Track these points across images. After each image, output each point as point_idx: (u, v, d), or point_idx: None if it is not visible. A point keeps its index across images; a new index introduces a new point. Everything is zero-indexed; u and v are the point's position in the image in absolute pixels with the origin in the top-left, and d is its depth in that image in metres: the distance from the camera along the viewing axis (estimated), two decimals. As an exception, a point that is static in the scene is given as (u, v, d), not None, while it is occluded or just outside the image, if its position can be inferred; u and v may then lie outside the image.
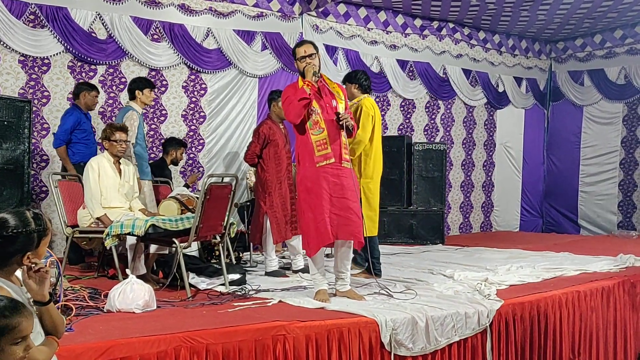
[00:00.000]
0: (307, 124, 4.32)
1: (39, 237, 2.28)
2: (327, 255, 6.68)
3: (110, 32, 6.94)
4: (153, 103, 6.26)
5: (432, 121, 10.01)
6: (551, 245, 8.11)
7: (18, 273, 2.32)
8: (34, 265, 2.23)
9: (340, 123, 4.31)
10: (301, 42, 4.59)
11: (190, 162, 7.68)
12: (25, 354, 1.99)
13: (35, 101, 6.55)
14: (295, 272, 5.72)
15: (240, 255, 6.58)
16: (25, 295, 2.25)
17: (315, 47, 4.52)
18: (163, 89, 7.38)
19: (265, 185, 5.72)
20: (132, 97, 6.00)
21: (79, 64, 6.83)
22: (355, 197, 4.38)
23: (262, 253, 5.94)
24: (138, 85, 6.01)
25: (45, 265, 2.30)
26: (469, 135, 10.53)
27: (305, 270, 5.65)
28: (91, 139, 6.31)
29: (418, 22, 9.58)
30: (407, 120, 9.73)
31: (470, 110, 10.49)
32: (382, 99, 9.40)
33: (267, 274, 5.67)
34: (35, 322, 2.22)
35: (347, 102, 4.58)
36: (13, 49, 6.41)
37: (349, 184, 4.34)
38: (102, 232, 4.87)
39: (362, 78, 5.68)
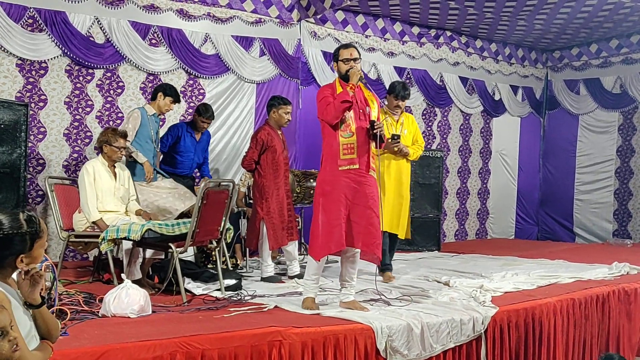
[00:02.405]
0: (338, 125, 4.28)
1: (32, 240, 2.27)
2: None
3: (108, 37, 6.95)
4: (166, 112, 6.34)
5: (429, 128, 10.04)
6: (546, 252, 8.12)
7: (14, 276, 2.32)
8: (27, 269, 2.23)
9: (375, 131, 4.29)
10: (348, 45, 4.56)
11: (187, 167, 7.66)
12: (14, 348, 1.97)
13: (32, 105, 6.55)
14: (291, 277, 5.72)
15: (238, 262, 6.57)
16: (21, 298, 2.25)
17: (359, 54, 4.50)
18: (160, 93, 7.38)
19: (263, 191, 5.74)
20: (154, 97, 6.13)
21: (77, 67, 6.83)
22: (378, 209, 4.33)
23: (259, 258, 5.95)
24: (164, 89, 6.14)
25: (41, 270, 2.30)
26: (465, 143, 10.55)
27: (301, 276, 5.66)
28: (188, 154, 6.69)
29: (416, 30, 9.61)
30: (403, 127, 9.74)
31: (467, 117, 10.52)
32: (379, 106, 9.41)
33: (263, 279, 5.67)
34: (30, 326, 2.22)
35: (379, 112, 4.56)
36: (11, 53, 6.40)
37: (373, 193, 4.31)
38: (97, 236, 4.87)
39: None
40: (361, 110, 4.35)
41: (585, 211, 10.78)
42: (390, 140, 5.35)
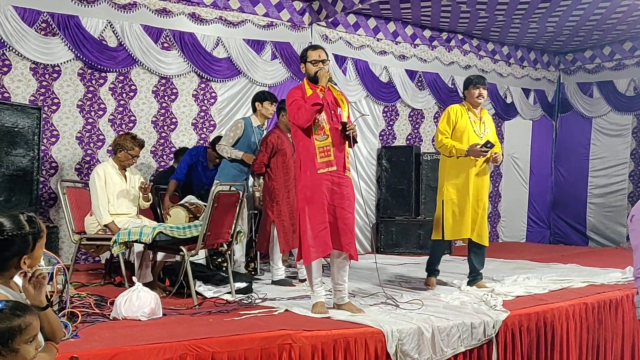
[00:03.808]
0: (312, 128, 4.29)
1: (34, 240, 2.31)
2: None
3: (120, 40, 6.99)
4: (271, 116, 6.22)
5: (440, 131, 9.99)
6: (558, 256, 8.07)
7: (17, 280, 2.35)
8: (29, 271, 2.27)
9: (347, 133, 4.30)
10: (315, 46, 4.57)
11: (199, 170, 7.69)
12: (36, 354, 2.03)
13: (45, 108, 6.60)
14: (302, 281, 5.72)
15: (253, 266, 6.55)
16: (24, 301, 2.28)
17: (327, 55, 4.51)
18: (173, 97, 7.42)
19: (273, 194, 5.75)
20: (254, 109, 6.08)
21: (89, 71, 6.88)
22: (352, 208, 4.36)
23: (270, 262, 5.96)
24: (258, 97, 6.06)
25: (42, 271, 2.33)
26: (477, 146, 10.50)
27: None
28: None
29: (427, 33, 9.60)
30: (415, 131, 9.73)
31: (479, 120, 10.47)
32: (390, 109, 9.41)
33: (274, 282, 5.68)
34: None
35: (350, 110, 4.57)
36: (25, 57, 6.46)
37: (349, 193, 4.33)
38: (109, 239, 4.90)
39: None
40: (332, 112, 4.36)
41: (599, 215, 10.70)
42: (480, 148, 5.26)
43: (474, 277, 5.51)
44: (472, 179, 5.39)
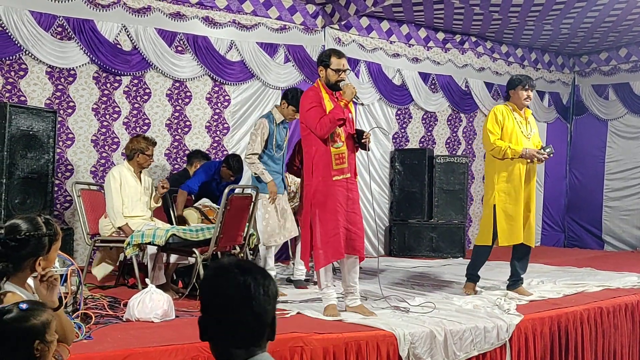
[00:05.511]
0: (329, 136, 4.30)
1: (49, 242, 2.35)
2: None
3: (135, 44, 7.04)
4: (292, 118, 5.72)
5: (454, 134, 9.97)
6: (573, 260, 8.01)
7: (29, 281, 2.38)
8: (42, 272, 2.30)
9: (363, 141, 4.34)
10: (340, 53, 4.44)
11: (212, 172, 7.71)
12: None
13: (61, 111, 6.66)
14: (316, 284, 5.72)
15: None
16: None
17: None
18: (187, 100, 7.46)
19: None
20: (281, 102, 5.74)
21: (104, 74, 6.94)
22: (360, 210, 4.45)
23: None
24: (286, 96, 5.68)
25: (54, 273, 2.36)
26: (491, 149, 10.44)
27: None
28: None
29: (440, 36, 9.57)
30: (428, 133, 9.70)
31: (493, 123, 10.41)
32: (403, 112, 9.40)
33: (290, 280, 5.71)
34: None
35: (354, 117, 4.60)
36: (41, 61, 6.52)
37: (357, 197, 4.42)
38: (123, 241, 4.93)
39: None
40: (346, 118, 4.37)
41: (615, 218, 10.58)
42: (539, 151, 5.18)
43: (515, 282, 5.38)
44: (524, 182, 5.22)
